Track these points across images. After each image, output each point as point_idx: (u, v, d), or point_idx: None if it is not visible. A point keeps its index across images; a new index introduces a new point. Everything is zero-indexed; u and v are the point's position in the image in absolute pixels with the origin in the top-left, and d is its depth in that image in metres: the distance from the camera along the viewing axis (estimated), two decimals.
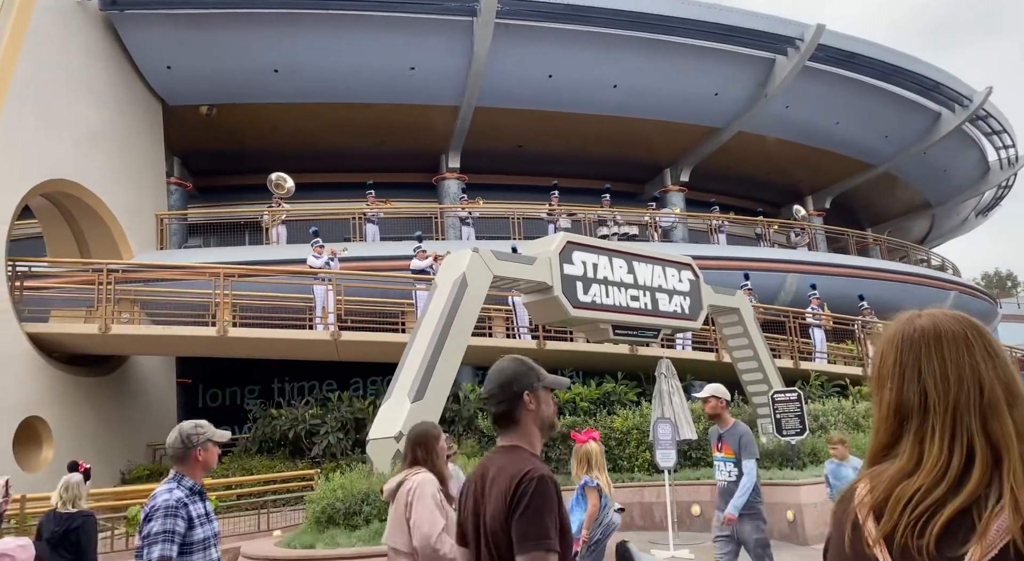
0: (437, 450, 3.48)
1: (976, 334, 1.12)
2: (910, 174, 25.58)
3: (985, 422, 1.04)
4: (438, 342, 7.73)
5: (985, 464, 1.00)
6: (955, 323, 1.13)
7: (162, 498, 3.06)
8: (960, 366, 1.07)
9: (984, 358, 1.08)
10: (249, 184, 19.61)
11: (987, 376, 1.07)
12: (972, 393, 1.05)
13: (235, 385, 18.46)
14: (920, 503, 0.99)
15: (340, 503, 6.33)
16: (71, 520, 4.83)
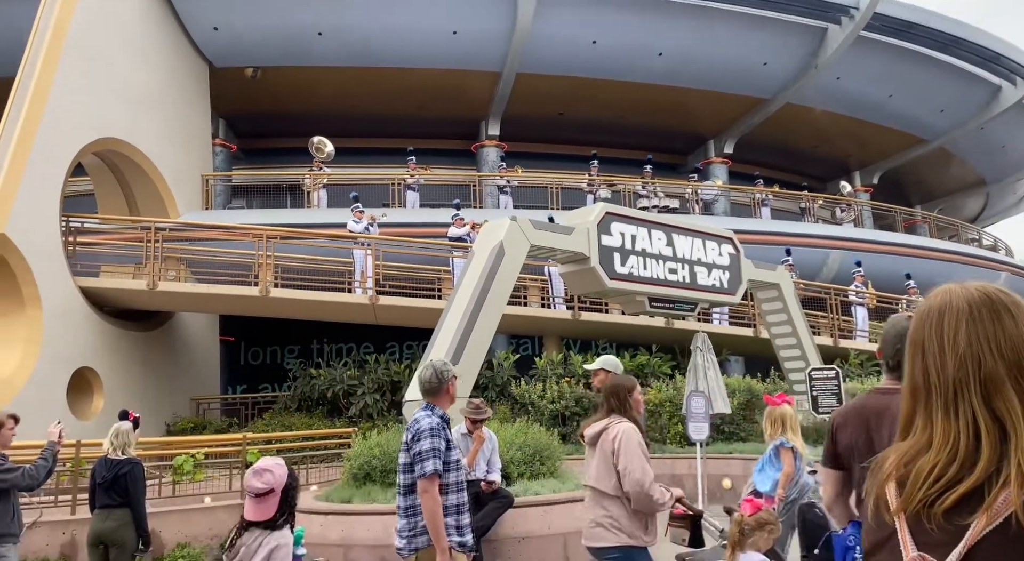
0: (630, 401, 3.68)
1: (986, 308, 1.08)
2: (965, 150, 24.67)
3: (988, 399, 1.03)
4: (474, 309, 7.81)
5: (993, 441, 1.00)
6: (965, 298, 1.11)
7: (426, 421, 3.44)
8: (958, 342, 1.06)
9: (989, 333, 1.06)
10: (292, 147, 19.82)
11: (988, 351, 1.04)
12: (971, 370, 1.05)
13: (276, 344, 18.93)
14: (937, 480, 1.01)
15: (377, 461, 6.51)
16: (120, 466, 5.07)
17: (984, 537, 0.95)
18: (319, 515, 5.97)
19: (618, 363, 5.14)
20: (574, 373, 13.53)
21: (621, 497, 3.45)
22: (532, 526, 5.86)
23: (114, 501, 5.01)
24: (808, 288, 16.33)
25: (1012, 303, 1.09)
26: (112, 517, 4.99)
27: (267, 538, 2.88)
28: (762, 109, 20.78)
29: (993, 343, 1.05)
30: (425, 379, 3.63)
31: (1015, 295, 1.11)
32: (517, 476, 6.68)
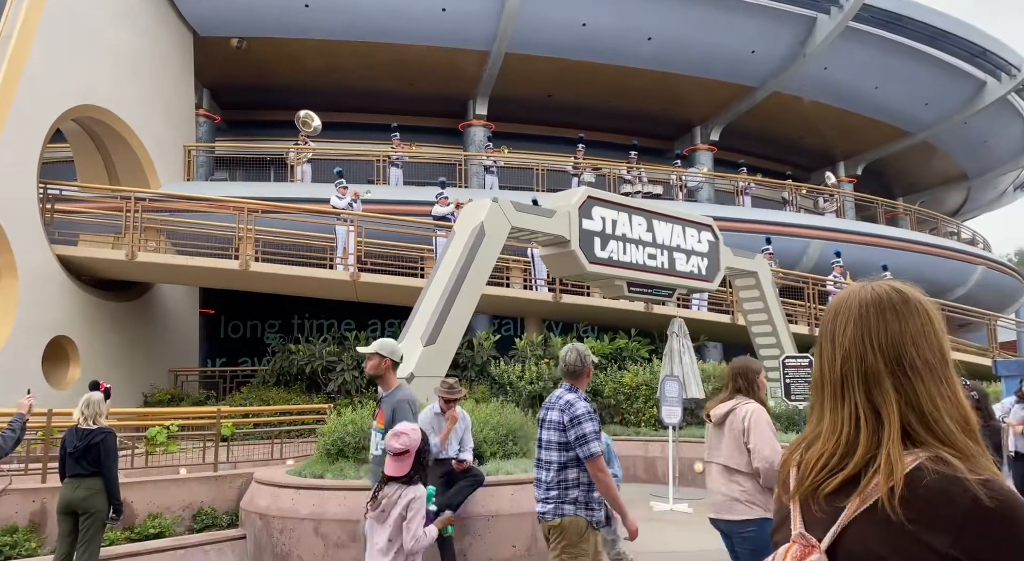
0: (757, 382, 3.85)
1: (874, 308, 1.13)
2: (948, 144, 24.91)
3: (868, 392, 1.10)
4: (453, 289, 7.85)
5: (869, 432, 1.07)
6: (859, 297, 1.15)
7: (581, 405, 3.73)
8: (844, 340, 1.13)
9: (873, 331, 1.11)
10: (277, 120, 19.65)
11: (870, 348, 1.11)
12: (855, 365, 1.11)
13: (256, 319, 18.89)
14: (824, 467, 1.09)
15: (350, 437, 6.57)
16: (92, 436, 5.09)
17: (856, 518, 1.02)
18: (290, 489, 6.03)
19: (395, 347, 4.65)
20: (554, 355, 13.64)
21: (752, 473, 3.66)
22: (502, 505, 5.96)
23: (85, 470, 5.03)
24: (787, 277, 16.51)
25: (901, 302, 1.13)
26: (83, 486, 5.02)
27: (405, 491, 3.39)
28: (749, 97, 20.82)
29: (875, 341, 1.11)
30: (571, 362, 3.87)
31: (912, 294, 1.15)
32: (490, 455, 6.78)
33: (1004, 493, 0.97)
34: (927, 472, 1.00)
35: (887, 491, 1.00)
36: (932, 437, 1.04)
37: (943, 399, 1.07)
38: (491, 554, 5.85)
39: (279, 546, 5.85)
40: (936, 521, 0.97)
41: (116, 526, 5.86)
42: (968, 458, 1.02)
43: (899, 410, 1.07)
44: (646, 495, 9.64)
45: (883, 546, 0.99)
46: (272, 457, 8.59)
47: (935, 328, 1.12)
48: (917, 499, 0.99)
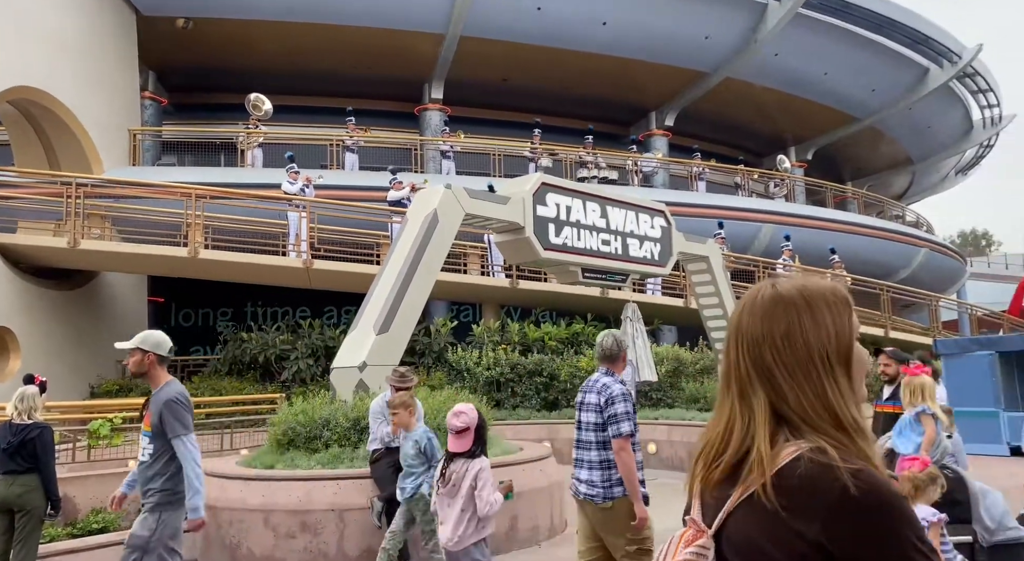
0: None
1: (769, 305, 1.15)
2: (894, 129, 25.59)
3: (742, 389, 1.14)
4: (406, 277, 7.80)
5: (744, 425, 1.12)
6: (760, 295, 1.18)
7: (617, 387, 3.92)
8: (739, 334, 1.17)
9: (765, 328, 1.14)
10: (226, 103, 19.16)
11: (738, 348, 1.16)
12: (737, 361, 1.16)
13: (208, 306, 18.52)
14: (711, 456, 1.15)
15: (301, 427, 6.51)
16: (27, 431, 4.95)
17: (738, 506, 1.07)
18: (239, 481, 5.96)
19: (161, 340, 4.14)
20: (511, 341, 13.71)
21: None
22: None
23: (20, 466, 4.89)
24: (738, 261, 16.83)
25: (771, 303, 1.15)
26: (18, 483, 4.88)
27: (471, 464, 3.73)
28: (703, 82, 21.04)
29: (743, 340, 1.15)
30: (607, 346, 4.07)
31: (810, 292, 1.16)
32: (443, 443, 6.79)
33: (873, 484, 1.00)
34: (803, 462, 1.03)
35: (761, 485, 1.04)
36: (810, 429, 1.07)
37: (805, 398, 1.09)
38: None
39: (228, 538, 5.78)
40: (806, 509, 1.00)
41: (55, 522, 5.72)
42: (846, 449, 1.05)
43: (768, 407, 1.11)
44: None
45: (760, 533, 1.04)
46: (225, 448, 8.46)
47: (803, 327, 1.12)
48: (791, 488, 1.02)
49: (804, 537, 1.00)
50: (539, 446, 7.73)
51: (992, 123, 27.93)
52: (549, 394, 12.74)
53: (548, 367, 12.72)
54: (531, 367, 12.76)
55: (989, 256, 49.58)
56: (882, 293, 17.92)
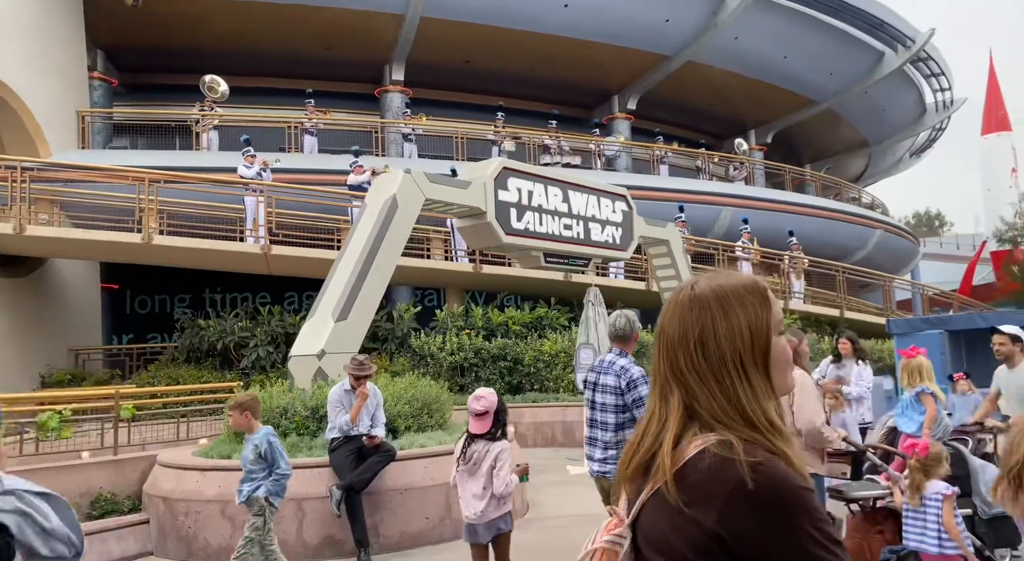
0: (799, 350, 4.14)
1: (688, 303, 1.17)
2: (851, 112, 26.04)
3: (661, 388, 1.18)
4: (365, 263, 7.72)
5: (658, 425, 1.16)
6: (681, 294, 1.20)
7: (636, 370, 4.08)
8: (663, 333, 1.19)
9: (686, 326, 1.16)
10: (180, 84, 18.63)
11: (660, 348, 1.18)
12: (660, 361, 1.19)
13: (164, 293, 18.11)
14: (628, 454, 1.20)
15: None
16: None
17: (650, 497, 1.12)
18: (195, 471, 5.87)
19: None
20: (475, 325, 13.69)
21: (795, 434, 3.89)
22: (414, 478, 5.98)
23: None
24: (699, 244, 17.02)
25: (687, 306, 1.17)
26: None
27: (491, 446, 3.99)
28: (664, 66, 21.11)
29: (663, 341, 1.18)
30: (620, 326, 4.21)
31: (725, 292, 1.17)
32: (404, 429, 6.77)
33: (771, 476, 1.02)
34: (707, 456, 1.06)
35: (664, 482, 1.09)
36: (722, 426, 1.10)
37: (715, 399, 1.11)
38: (404, 528, 5.88)
39: (184, 529, 5.70)
40: (705, 501, 1.04)
41: None
42: (754, 444, 1.07)
43: (681, 408, 1.14)
44: (563, 459, 9.88)
45: (665, 524, 1.09)
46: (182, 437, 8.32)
47: (717, 331, 1.13)
48: (692, 482, 1.06)
49: (702, 528, 1.03)
50: None
51: (944, 106, 28.60)
52: (513, 378, 12.78)
53: (512, 351, 12.74)
54: (495, 352, 12.77)
55: (942, 237, 51.01)
56: (838, 274, 18.32)
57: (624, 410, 4.01)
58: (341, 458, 5.68)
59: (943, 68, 26.03)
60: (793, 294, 17.38)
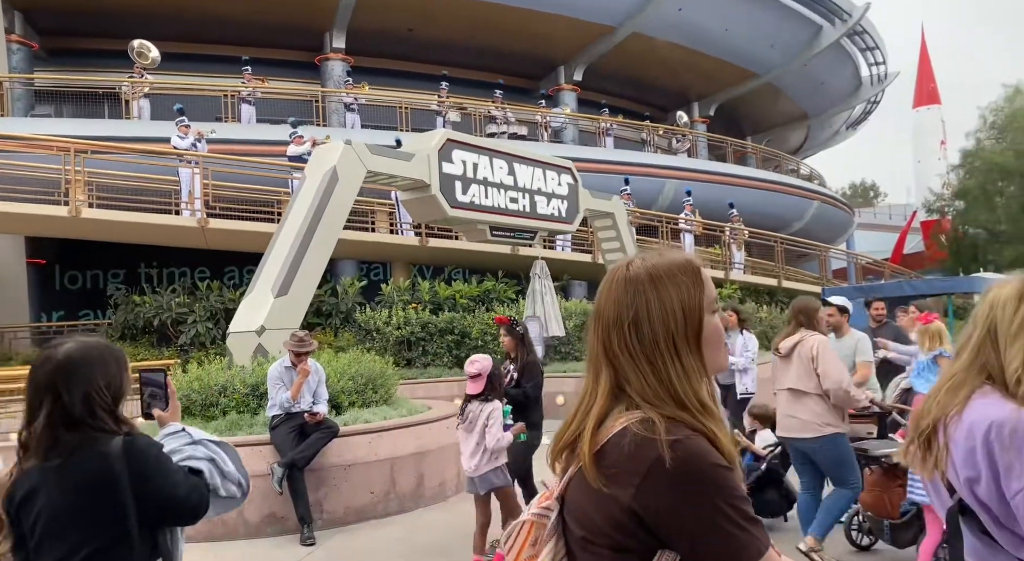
0: (817, 317, 4.52)
1: (620, 281, 1.17)
2: (791, 85, 26.57)
3: (597, 369, 1.17)
4: (305, 237, 7.55)
5: (587, 405, 1.16)
6: (614, 271, 1.20)
7: None
8: (598, 311, 1.19)
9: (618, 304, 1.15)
10: (107, 49, 17.72)
11: (594, 327, 1.18)
12: (593, 342, 1.18)
13: (97, 268, 17.42)
14: (560, 432, 1.21)
15: (196, 394, 6.27)
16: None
17: (575, 474, 1.14)
18: None
19: None
20: (421, 299, 13.60)
21: (821, 395, 4.23)
22: (358, 453, 5.95)
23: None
24: (643, 216, 17.22)
25: (622, 285, 1.16)
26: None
27: (485, 406, 4.47)
28: (609, 37, 21.08)
29: (597, 320, 1.17)
30: None
31: (658, 272, 1.16)
32: (348, 405, 6.71)
33: (689, 453, 1.03)
34: (628, 434, 1.07)
35: (583, 464, 1.11)
36: (649, 406, 1.10)
37: (646, 379, 1.11)
38: (348, 502, 5.86)
39: None
40: (624, 478, 1.05)
41: None
42: (677, 423, 1.07)
43: (610, 388, 1.14)
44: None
45: (587, 499, 1.11)
46: None
47: (651, 311, 1.13)
48: (614, 459, 1.07)
49: (619, 504, 1.05)
50: (446, 405, 7.76)
51: (879, 80, 29.44)
52: (460, 352, 12.76)
53: (459, 325, 12.72)
54: (442, 326, 12.73)
55: (876, 207, 52.82)
56: (777, 245, 18.82)
57: None
58: (282, 435, 5.61)
59: (878, 42, 26.73)
60: (734, 265, 17.80)
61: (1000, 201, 25.57)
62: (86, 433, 1.79)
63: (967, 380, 1.45)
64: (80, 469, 1.77)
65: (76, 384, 1.80)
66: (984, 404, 1.40)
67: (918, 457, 1.48)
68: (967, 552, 1.44)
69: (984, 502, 1.35)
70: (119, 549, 1.78)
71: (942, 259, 27.68)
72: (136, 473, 1.78)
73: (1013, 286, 1.48)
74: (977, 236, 26.56)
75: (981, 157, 25.70)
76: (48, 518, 1.77)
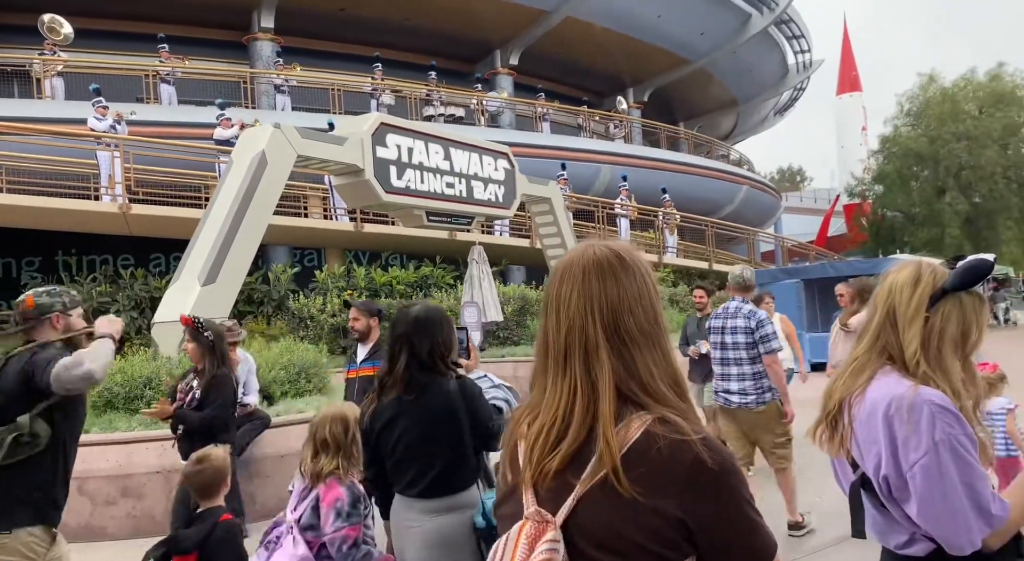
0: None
1: (596, 271, 1.09)
2: (721, 72, 27.18)
3: (587, 362, 1.06)
4: (232, 224, 7.32)
5: (585, 405, 1.05)
6: (582, 260, 1.11)
7: (761, 312, 4.76)
8: (569, 306, 1.08)
9: (594, 296, 1.08)
10: (16, 24, 16.67)
11: (590, 315, 1.07)
12: (576, 333, 1.07)
13: (9, 256, 16.46)
14: (545, 443, 1.06)
15: (119, 388, 6.03)
16: None
17: (588, 490, 1.01)
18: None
19: None
20: (357, 286, 13.39)
21: None
22: (293, 443, 5.84)
23: None
24: (580, 201, 17.38)
25: (620, 267, 1.09)
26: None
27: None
28: (544, 20, 21.08)
29: (596, 306, 1.07)
30: (746, 277, 4.82)
31: (630, 257, 1.12)
32: (280, 395, 6.59)
33: (719, 450, 1.01)
34: (657, 438, 1.00)
35: (612, 470, 0.99)
36: (650, 399, 1.04)
37: (656, 364, 1.06)
38: (282, 494, 5.74)
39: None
40: (662, 486, 0.98)
41: None
42: (686, 416, 1.04)
43: (614, 379, 1.05)
44: None
45: (617, 517, 0.99)
46: None
47: (650, 291, 1.10)
48: (647, 468, 0.99)
49: (662, 514, 0.98)
50: None
51: (804, 67, 30.42)
52: None
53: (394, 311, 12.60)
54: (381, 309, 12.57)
55: (802, 191, 54.74)
56: (707, 229, 19.30)
57: (754, 346, 4.62)
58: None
59: (803, 31, 27.59)
60: (667, 249, 18.18)
61: (915, 185, 26.85)
62: (431, 375, 2.37)
63: (869, 362, 1.52)
64: (431, 402, 2.34)
65: (425, 337, 2.37)
66: (885, 383, 1.47)
67: (826, 436, 1.54)
68: (868, 525, 1.52)
69: (885, 475, 1.42)
70: (460, 467, 2.35)
71: (863, 241, 28.94)
72: (469, 407, 2.35)
73: (909, 271, 1.54)
74: (895, 219, 27.84)
75: (898, 143, 26.89)
76: (408, 441, 2.33)
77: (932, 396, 1.39)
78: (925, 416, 1.36)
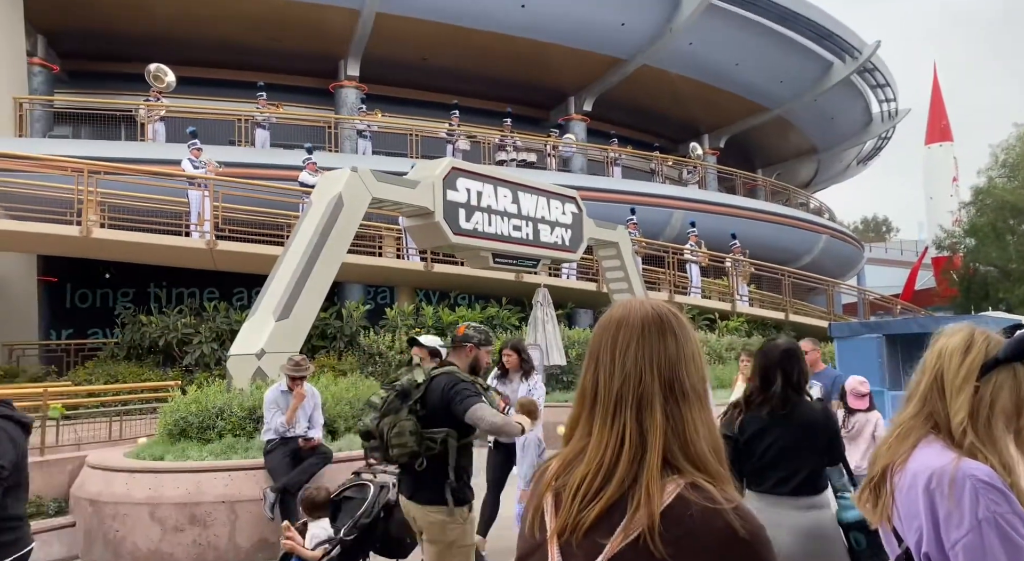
0: None
1: (655, 327, 1.11)
2: (801, 120, 26.70)
3: (639, 414, 1.07)
4: (308, 261, 7.62)
5: (631, 456, 1.04)
6: (640, 315, 1.13)
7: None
8: (627, 357, 1.10)
9: (654, 351, 1.10)
10: (126, 72, 18.11)
11: (649, 369, 1.08)
12: (632, 384, 1.08)
13: (107, 287, 17.58)
14: (585, 494, 1.05)
15: (193, 417, 6.30)
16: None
17: (619, 553, 1.00)
18: (124, 473, 5.72)
19: None
20: (425, 324, 13.62)
21: None
22: None
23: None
24: (649, 247, 17.24)
25: (678, 324, 1.12)
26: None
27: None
28: (620, 69, 21.32)
29: (655, 361, 1.09)
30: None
31: (684, 318, 1.16)
32: (344, 431, 6.72)
33: (752, 520, 1.01)
34: (690, 503, 1.00)
35: (648, 527, 0.99)
36: (688, 462, 1.04)
37: (703, 425, 1.07)
38: None
39: (111, 533, 5.56)
40: (695, 552, 0.97)
41: None
42: (719, 483, 1.04)
43: (664, 436, 1.05)
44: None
45: None
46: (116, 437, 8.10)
47: (699, 353, 1.12)
48: (680, 531, 0.98)
49: None
50: None
51: (889, 116, 29.53)
52: None
53: None
54: None
55: (887, 242, 52.61)
56: (784, 278, 18.76)
57: None
58: (276, 460, 5.61)
59: (888, 79, 26.87)
60: (740, 297, 17.75)
61: (1011, 239, 25.44)
62: (799, 396, 2.89)
63: (914, 428, 1.46)
64: (800, 418, 2.84)
65: (795, 364, 2.88)
66: (927, 453, 1.40)
67: (869, 504, 1.48)
68: None
69: (926, 552, 1.35)
70: (820, 473, 2.85)
71: (953, 296, 27.47)
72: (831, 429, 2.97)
73: (961, 336, 1.47)
74: (988, 273, 26.38)
75: (992, 195, 25.63)
76: (778, 448, 2.80)
77: (976, 470, 1.31)
78: (968, 492, 1.29)
